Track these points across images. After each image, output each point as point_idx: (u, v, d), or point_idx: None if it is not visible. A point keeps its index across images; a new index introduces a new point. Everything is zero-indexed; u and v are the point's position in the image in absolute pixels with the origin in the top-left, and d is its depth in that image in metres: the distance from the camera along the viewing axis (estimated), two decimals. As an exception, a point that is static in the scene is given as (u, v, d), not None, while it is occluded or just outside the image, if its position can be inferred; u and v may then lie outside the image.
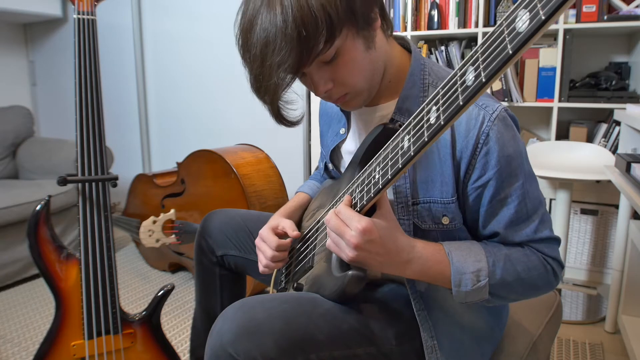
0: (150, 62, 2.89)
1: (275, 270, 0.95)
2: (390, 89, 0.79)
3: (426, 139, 0.54)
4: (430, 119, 0.54)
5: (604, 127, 2.01)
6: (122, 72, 2.95)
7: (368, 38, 0.69)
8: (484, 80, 0.46)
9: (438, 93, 0.54)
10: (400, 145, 0.60)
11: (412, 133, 0.58)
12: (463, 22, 2.16)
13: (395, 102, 0.78)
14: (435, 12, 2.18)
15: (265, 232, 0.91)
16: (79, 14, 1.03)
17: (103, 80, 1.06)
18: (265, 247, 0.89)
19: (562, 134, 2.17)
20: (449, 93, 0.52)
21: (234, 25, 0.70)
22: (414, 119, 0.58)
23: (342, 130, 0.89)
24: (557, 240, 0.75)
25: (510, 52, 0.43)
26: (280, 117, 0.75)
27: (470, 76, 0.48)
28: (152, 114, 2.97)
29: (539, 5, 0.41)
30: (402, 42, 0.82)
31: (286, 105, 0.73)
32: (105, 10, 2.80)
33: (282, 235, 0.91)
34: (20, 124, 2.64)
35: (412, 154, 0.57)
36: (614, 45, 2.12)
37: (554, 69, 2.01)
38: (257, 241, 0.92)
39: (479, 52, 0.48)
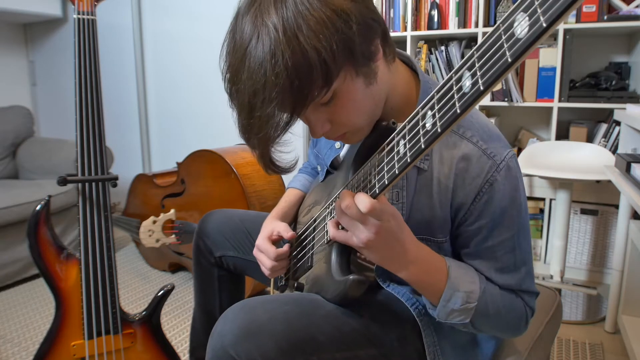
0: (150, 62, 2.89)
1: None
2: (394, 114, 0.74)
3: (423, 146, 0.52)
4: (427, 125, 0.52)
5: (604, 127, 2.01)
6: (122, 72, 2.95)
7: (369, 74, 0.63)
8: (482, 88, 0.44)
9: (433, 97, 0.52)
10: (396, 150, 0.58)
11: (407, 138, 0.56)
12: (463, 22, 2.16)
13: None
14: (435, 12, 2.18)
15: (261, 241, 0.90)
16: (79, 14, 1.03)
17: (103, 80, 1.06)
18: (264, 258, 0.88)
19: (562, 134, 2.17)
20: (445, 99, 0.50)
21: (219, 59, 0.64)
22: (409, 122, 0.56)
23: (337, 145, 0.87)
24: (537, 295, 0.75)
25: (510, 60, 0.41)
26: (270, 167, 0.70)
27: (467, 82, 0.46)
28: (152, 114, 2.97)
29: (539, 11, 0.38)
30: (405, 60, 0.77)
31: (278, 149, 0.67)
32: (105, 10, 2.79)
33: (278, 240, 0.91)
34: (20, 124, 2.63)
35: (408, 160, 0.55)
36: (614, 45, 2.12)
37: (554, 69, 2.01)
38: (255, 252, 0.91)
39: (476, 56, 0.46)
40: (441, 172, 0.70)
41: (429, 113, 0.52)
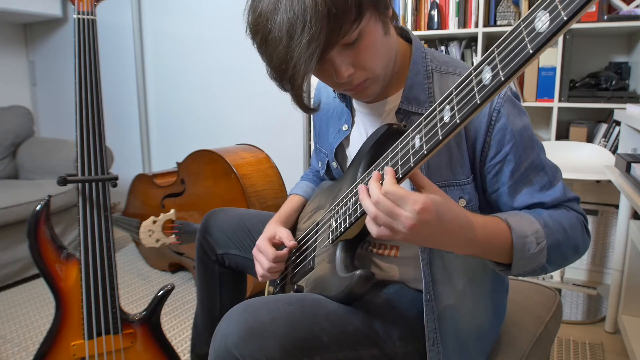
0: (150, 62, 2.89)
1: None
2: (396, 80, 0.79)
3: (440, 138, 0.55)
4: (444, 118, 0.54)
5: (604, 127, 2.01)
6: (122, 72, 2.95)
7: (385, 23, 0.70)
8: (502, 79, 0.47)
9: (451, 93, 0.54)
10: (411, 144, 0.60)
11: (423, 132, 0.58)
12: (463, 22, 2.16)
13: (399, 92, 0.78)
14: (435, 12, 2.18)
15: (262, 242, 0.91)
16: (79, 14, 1.03)
17: (103, 80, 1.06)
18: (263, 258, 0.89)
19: (562, 134, 2.17)
20: (464, 92, 0.52)
21: (246, 11, 0.69)
22: (425, 119, 0.58)
23: (345, 127, 0.88)
24: (579, 200, 0.76)
25: (531, 51, 0.44)
26: (302, 103, 0.73)
27: (487, 75, 0.49)
28: (152, 114, 2.97)
29: (560, 7, 0.41)
30: (402, 33, 0.82)
31: (305, 95, 0.72)
32: (105, 10, 2.79)
33: (279, 244, 0.91)
34: (20, 124, 2.63)
35: (425, 152, 0.57)
36: (614, 45, 2.12)
37: (554, 69, 2.01)
38: (254, 251, 0.92)
39: (496, 52, 0.48)
40: None
41: (447, 107, 0.54)
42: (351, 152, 0.88)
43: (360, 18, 0.64)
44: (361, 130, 0.85)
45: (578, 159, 1.81)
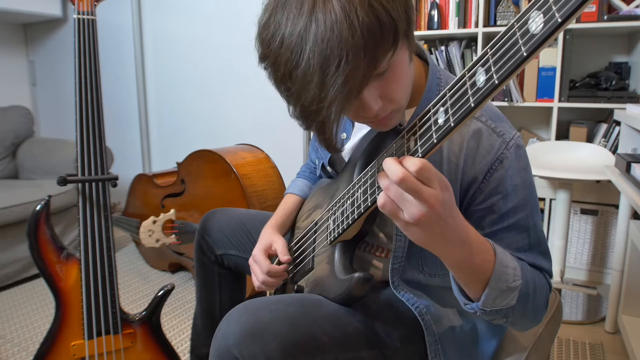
0: (150, 62, 2.89)
1: None
2: (410, 99, 0.74)
3: (435, 141, 0.53)
4: (439, 121, 0.52)
5: (604, 127, 2.01)
6: (122, 72, 2.95)
7: (410, 49, 0.64)
8: (496, 82, 0.45)
9: (445, 95, 0.52)
10: (405, 146, 0.58)
11: (418, 134, 0.56)
12: (463, 22, 2.16)
13: (410, 112, 0.76)
14: (435, 12, 2.18)
15: (257, 253, 0.90)
16: (79, 14, 1.03)
17: (103, 80, 1.06)
18: (257, 270, 0.89)
19: (562, 134, 2.17)
20: (458, 95, 0.50)
21: (257, 35, 0.61)
22: (420, 120, 0.57)
23: (344, 135, 0.87)
24: (551, 275, 0.74)
25: (525, 54, 0.42)
26: (333, 146, 0.66)
27: (480, 78, 0.47)
28: (152, 114, 2.97)
29: (554, 8, 0.40)
30: (416, 50, 0.77)
31: (336, 135, 0.64)
32: (105, 10, 2.79)
33: (274, 255, 0.91)
34: (20, 124, 2.63)
35: (420, 155, 0.55)
36: (614, 45, 2.12)
37: (554, 69, 2.01)
38: (250, 261, 0.92)
39: (489, 53, 0.47)
40: (451, 151, 0.70)
41: (441, 109, 0.52)
42: (347, 158, 0.87)
43: (394, 48, 0.57)
44: (360, 139, 0.84)
45: (578, 159, 1.81)
